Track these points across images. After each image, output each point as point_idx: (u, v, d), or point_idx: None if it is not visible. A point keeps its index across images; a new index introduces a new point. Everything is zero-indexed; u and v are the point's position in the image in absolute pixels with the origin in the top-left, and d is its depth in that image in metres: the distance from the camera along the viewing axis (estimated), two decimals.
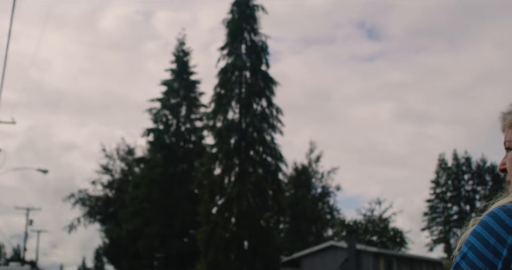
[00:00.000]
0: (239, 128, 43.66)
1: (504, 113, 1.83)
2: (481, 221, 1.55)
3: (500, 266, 1.45)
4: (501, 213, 1.52)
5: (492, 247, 1.48)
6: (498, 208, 1.54)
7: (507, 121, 1.80)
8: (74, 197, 78.88)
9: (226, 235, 41.66)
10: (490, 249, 1.48)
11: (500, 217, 1.51)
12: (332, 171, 71.96)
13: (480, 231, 1.52)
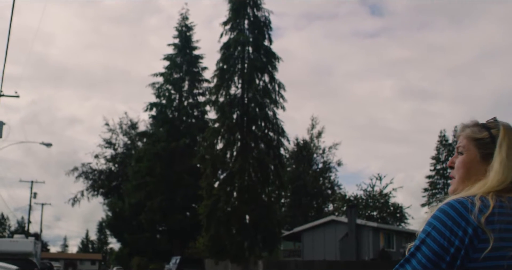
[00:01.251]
0: (241, 103, 43.88)
1: (463, 125, 2.18)
2: (440, 208, 1.88)
3: (457, 243, 1.77)
4: (455, 203, 1.85)
5: (449, 228, 1.80)
6: (453, 199, 1.88)
7: (464, 133, 2.15)
8: (77, 170, 79.45)
9: (227, 209, 42.08)
10: (448, 229, 1.80)
11: (455, 206, 1.84)
12: (334, 146, 72.43)
13: (439, 215, 1.84)
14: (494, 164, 1.95)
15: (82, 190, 79.71)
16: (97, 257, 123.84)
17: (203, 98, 59.46)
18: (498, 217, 1.78)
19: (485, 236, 1.76)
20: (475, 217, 1.77)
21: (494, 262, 1.76)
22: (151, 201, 55.55)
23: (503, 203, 1.83)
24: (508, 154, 1.95)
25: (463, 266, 1.77)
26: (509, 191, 1.89)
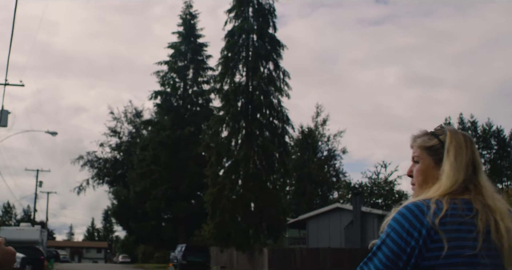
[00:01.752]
0: (246, 91, 43.83)
1: (414, 136, 2.31)
2: (399, 211, 2.05)
3: (412, 243, 1.94)
4: (412, 207, 2.02)
5: (406, 229, 1.97)
6: (410, 203, 2.06)
7: (416, 143, 2.28)
8: (82, 159, 79.68)
9: (232, 197, 42.15)
10: (404, 231, 1.97)
11: (412, 209, 2.01)
12: (338, 134, 72.33)
13: (398, 218, 2.02)
14: (445, 167, 2.11)
15: (88, 179, 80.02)
16: (102, 245, 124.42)
17: (207, 86, 59.41)
18: (450, 218, 1.94)
19: (438, 236, 1.91)
20: (429, 219, 1.93)
21: (446, 261, 1.90)
22: (156, 189, 55.67)
23: (456, 205, 1.98)
24: (455, 157, 2.11)
25: (417, 264, 1.93)
26: (462, 193, 2.05)
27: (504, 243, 1.94)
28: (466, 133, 2.24)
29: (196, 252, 42.70)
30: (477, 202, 2.03)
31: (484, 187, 2.09)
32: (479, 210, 2.00)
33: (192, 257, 42.11)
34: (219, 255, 48.77)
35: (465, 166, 2.11)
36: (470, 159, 2.14)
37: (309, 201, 66.41)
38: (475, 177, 2.12)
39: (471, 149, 2.17)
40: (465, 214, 1.98)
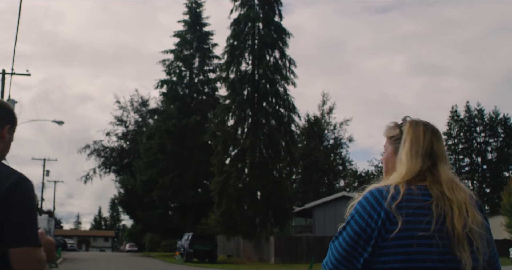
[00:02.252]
0: (252, 80, 43.79)
1: (386, 127, 2.51)
2: (364, 195, 2.23)
3: (373, 225, 2.13)
4: (375, 191, 2.20)
5: (368, 212, 2.16)
6: (374, 188, 2.23)
7: (384, 133, 2.51)
8: (89, 148, 79.80)
9: (239, 186, 42.22)
10: (366, 213, 2.16)
11: (374, 194, 2.19)
12: (345, 122, 72.32)
13: (362, 201, 2.21)
14: (401, 156, 2.29)
15: (94, 168, 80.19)
16: (110, 234, 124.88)
17: (213, 75, 59.30)
18: (406, 203, 2.11)
19: (395, 219, 2.10)
20: (387, 204, 2.12)
21: (402, 241, 2.08)
22: (162, 178, 55.75)
23: (412, 190, 2.15)
24: (410, 147, 2.28)
25: (377, 244, 2.12)
26: (418, 180, 2.21)
27: (456, 230, 2.08)
28: (429, 124, 2.38)
29: (203, 241, 42.78)
30: (434, 189, 2.18)
31: (442, 176, 2.22)
32: (435, 197, 2.15)
33: (199, 245, 42.20)
34: (226, 243, 48.90)
35: (422, 155, 2.26)
36: (428, 149, 2.27)
37: (315, 189, 66.48)
38: (434, 167, 2.25)
39: (429, 139, 2.29)
40: (421, 200, 2.14)
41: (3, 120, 2.57)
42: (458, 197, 2.17)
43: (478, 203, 2.28)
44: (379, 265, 2.13)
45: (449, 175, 2.25)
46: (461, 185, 2.26)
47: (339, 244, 2.20)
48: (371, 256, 2.14)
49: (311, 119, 71.14)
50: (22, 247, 2.30)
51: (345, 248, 2.18)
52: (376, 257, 2.13)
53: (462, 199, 2.17)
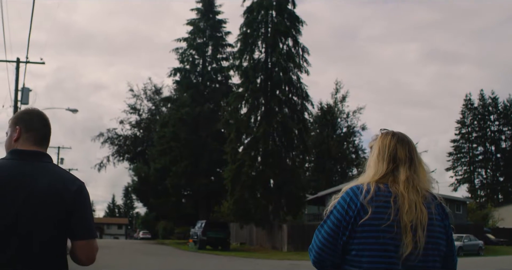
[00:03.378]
0: (265, 68, 43.77)
1: (371, 139, 3.02)
2: (346, 190, 2.76)
3: (350, 213, 2.65)
4: (354, 188, 2.74)
5: (347, 204, 2.69)
6: (354, 185, 2.77)
7: (368, 145, 3.02)
8: (103, 136, 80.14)
9: (252, 174, 42.31)
10: (346, 204, 2.70)
11: (353, 189, 2.73)
12: (358, 111, 72.14)
13: (344, 195, 2.74)
14: (370, 162, 2.86)
15: (108, 156, 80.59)
16: (123, 222, 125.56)
17: (226, 63, 59.29)
18: (376, 198, 2.64)
19: (367, 210, 2.62)
20: (362, 197, 2.65)
21: (371, 227, 2.61)
22: (176, 166, 55.95)
23: (380, 188, 2.69)
24: (378, 154, 2.82)
25: (353, 229, 2.64)
26: (385, 179, 2.73)
27: (403, 221, 2.60)
28: (398, 134, 2.91)
29: (216, 228, 42.97)
30: (393, 188, 2.70)
31: (401, 177, 2.73)
32: (394, 194, 2.67)
33: (212, 233, 42.40)
34: (239, 231, 49.10)
35: (387, 160, 2.79)
36: (392, 155, 2.80)
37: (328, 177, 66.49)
38: (396, 169, 2.77)
39: (393, 147, 2.82)
40: (387, 195, 2.67)
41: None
42: (410, 195, 2.67)
43: (439, 204, 2.78)
44: (354, 246, 2.65)
45: (407, 177, 2.73)
46: (418, 186, 2.73)
47: (324, 231, 2.73)
48: (348, 238, 2.67)
49: (324, 107, 71.02)
50: (87, 240, 2.83)
51: (329, 233, 2.71)
52: (351, 239, 2.66)
53: (413, 197, 2.67)
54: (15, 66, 34.24)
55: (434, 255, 2.67)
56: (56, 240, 2.77)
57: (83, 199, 2.85)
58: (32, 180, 2.76)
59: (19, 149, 2.91)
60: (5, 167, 2.80)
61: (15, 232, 2.67)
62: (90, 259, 2.88)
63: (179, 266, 24.66)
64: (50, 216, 2.74)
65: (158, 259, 29.74)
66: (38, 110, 3.10)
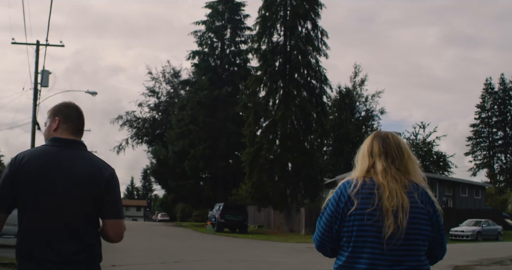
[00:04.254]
0: (283, 51, 43.65)
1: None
2: (339, 185, 3.11)
3: (341, 205, 3.01)
4: (345, 182, 3.10)
5: (339, 196, 3.06)
6: (345, 181, 3.11)
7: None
8: (121, 119, 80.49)
9: (270, 157, 42.37)
10: (337, 196, 3.07)
11: (344, 183, 3.09)
12: (376, 94, 71.78)
13: (337, 189, 3.11)
14: (357, 159, 3.21)
15: (127, 138, 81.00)
16: (142, 204, 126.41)
17: (245, 46, 59.18)
18: (362, 190, 2.99)
19: (354, 202, 2.97)
20: (350, 191, 3.01)
21: (358, 217, 2.95)
22: (194, 149, 56.13)
23: (366, 181, 3.03)
24: (363, 151, 3.19)
25: (343, 219, 3.00)
26: (370, 173, 3.07)
27: (385, 206, 2.92)
28: (379, 133, 3.25)
29: (234, 211, 43.16)
30: (375, 179, 3.03)
31: (378, 169, 3.06)
32: (377, 184, 3.00)
33: (230, 215, 42.59)
34: (257, 214, 49.28)
35: (367, 156, 3.15)
36: (369, 150, 3.16)
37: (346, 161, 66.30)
38: (374, 163, 3.11)
39: (370, 144, 3.18)
40: (372, 187, 2.99)
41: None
42: (390, 184, 2.98)
43: (423, 192, 3.06)
44: (344, 233, 3.02)
45: (384, 168, 3.06)
46: (397, 175, 3.03)
47: (322, 221, 3.13)
48: (339, 227, 3.04)
49: (343, 90, 70.71)
50: (117, 219, 3.25)
51: (326, 223, 3.10)
52: (342, 228, 3.02)
53: (393, 186, 2.98)
54: (35, 49, 34.44)
55: (417, 239, 2.97)
56: (90, 217, 3.18)
57: (114, 184, 3.24)
58: (71, 164, 3.16)
59: (59, 137, 3.30)
60: (48, 153, 3.21)
61: (58, 209, 3.09)
62: (119, 236, 3.28)
63: (198, 248, 24.84)
64: (86, 196, 3.13)
65: (177, 241, 29.98)
66: (74, 104, 3.51)
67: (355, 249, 2.97)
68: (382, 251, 2.91)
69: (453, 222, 40.91)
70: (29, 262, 3.07)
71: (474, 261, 19.09)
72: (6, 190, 3.13)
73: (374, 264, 2.93)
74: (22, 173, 3.11)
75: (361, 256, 2.96)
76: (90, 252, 3.16)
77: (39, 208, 3.09)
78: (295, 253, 22.95)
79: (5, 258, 13.50)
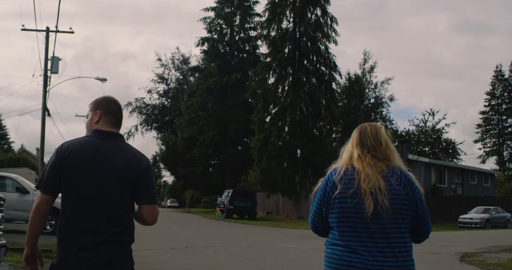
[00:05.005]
0: (293, 37, 43.53)
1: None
2: (327, 174, 3.48)
3: (327, 189, 3.37)
4: (332, 171, 3.45)
5: (325, 182, 3.43)
6: (332, 169, 3.47)
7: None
8: (131, 105, 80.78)
9: (279, 144, 42.38)
10: (325, 182, 3.43)
11: (331, 170, 3.47)
12: (386, 81, 71.39)
13: (325, 177, 3.47)
14: (345, 149, 3.58)
15: (136, 125, 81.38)
16: None
17: (254, 33, 59.10)
18: (345, 176, 3.36)
19: (337, 186, 3.33)
20: (335, 177, 3.38)
21: (341, 199, 3.31)
22: (203, 135, 56.26)
23: (348, 168, 3.40)
24: (351, 142, 3.57)
25: (328, 202, 3.37)
26: (353, 162, 3.43)
27: (362, 188, 3.26)
28: (363, 126, 3.62)
29: (243, 197, 43.29)
30: (356, 166, 3.39)
31: (355, 158, 3.44)
32: (357, 169, 3.36)
33: (238, 202, 42.74)
34: (265, 200, 49.41)
35: (351, 147, 3.54)
36: (352, 143, 3.55)
37: None
38: (353, 153, 3.49)
39: (353, 137, 3.58)
40: (352, 173, 3.36)
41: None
42: (366, 169, 3.33)
43: (402, 176, 3.35)
44: (331, 214, 3.37)
45: (363, 157, 3.41)
46: (372, 162, 3.37)
47: (314, 205, 3.48)
48: (327, 209, 3.40)
49: (352, 77, 70.33)
50: (152, 205, 3.56)
51: (316, 206, 3.46)
52: (329, 210, 3.38)
53: (369, 171, 3.32)
54: (45, 35, 34.52)
55: (398, 218, 3.28)
56: (127, 203, 3.49)
57: (149, 173, 3.57)
58: (111, 154, 3.49)
59: (100, 129, 3.62)
60: (90, 143, 3.53)
61: (99, 196, 3.41)
62: (154, 220, 3.60)
63: (207, 234, 24.97)
64: (124, 184, 3.45)
65: (187, 228, 30.14)
66: (114, 98, 3.80)
67: (340, 228, 3.33)
68: (365, 229, 3.26)
69: (462, 210, 40.93)
70: (71, 243, 3.37)
71: (483, 248, 19.12)
72: (53, 175, 3.45)
73: (357, 240, 3.28)
74: (66, 161, 3.43)
75: (345, 234, 3.32)
76: (126, 233, 3.50)
77: (82, 195, 3.40)
78: (303, 239, 23.03)
79: (16, 243, 13.62)
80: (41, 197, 3.48)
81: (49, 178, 3.46)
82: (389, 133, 3.61)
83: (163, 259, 14.07)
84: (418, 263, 3.55)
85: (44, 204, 3.46)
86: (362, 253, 3.24)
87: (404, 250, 3.30)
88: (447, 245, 20.09)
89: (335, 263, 3.34)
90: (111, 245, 3.40)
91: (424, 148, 64.02)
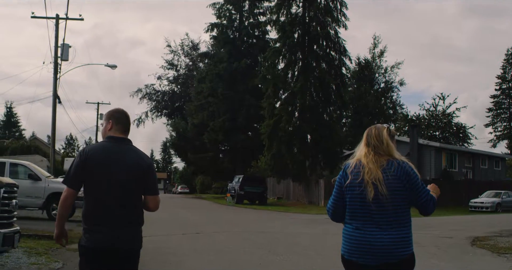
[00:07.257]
0: (302, 22, 43.36)
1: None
2: (343, 166, 4.17)
3: (342, 181, 4.11)
4: (347, 164, 4.14)
5: (341, 175, 4.13)
6: (347, 162, 4.16)
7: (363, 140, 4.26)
8: (141, 92, 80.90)
9: (289, 129, 42.38)
10: (340, 175, 4.14)
11: (347, 164, 4.14)
12: (396, 66, 71.21)
13: (341, 171, 4.17)
14: (357, 149, 4.24)
15: (146, 111, 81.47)
16: (162, 176, 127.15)
17: (264, 18, 58.93)
18: (354, 169, 4.07)
19: (348, 177, 4.05)
20: (348, 169, 4.09)
21: (351, 188, 4.02)
22: (213, 121, 56.32)
23: (357, 163, 4.09)
24: (361, 143, 4.21)
25: (343, 190, 4.07)
26: (361, 158, 4.12)
27: (365, 180, 3.96)
28: (371, 127, 4.26)
29: (253, 183, 43.38)
30: (363, 161, 4.06)
31: (362, 155, 4.11)
32: (362, 164, 4.05)
33: (249, 187, 42.84)
34: (276, 186, 49.51)
35: (364, 145, 4.17)
36: (363, 142, 4.20)
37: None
38: (361, 151, 4.17)
39: (364, 137, 4.22)
40: (359, 167, 4.05)
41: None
42: (369, 164, 4.01)
43: (398, 167, 4.00)
44: (346, 199, 4.07)
45: (367, 153, 4.09)
46: (374, 159, 4.04)
47: (333, 194, 4.16)
48: (343, 196, 4.09)
49: (362, 62, 70.19)
50: (155, 195, 4.50)
51: (336, 194, 4.15)
52: (345, 196, 4.08)
53: (371, 166, 4.00)
54: (55, 23, 34.54)
55: (394, 202, 3.95)
56: (137, 193, 4.39)
57: (152, 169, 4.49)
58: (122, 155, 4.37)
59: (113, 135, 4.49)
60: (106, 147, 4.42)
61: (115, 188, 4.27)
62: (156, 207, 4.52)
63: (218, 220, 25.08)
64: (134, 178, 4.32)
65: (198, 213, 30.28)
66: (123, 110, 4.65)
67: (350, 211, 4.08)
68: (368, 211, 3.98)
69: (473, 194, 40.85)
70: (95, 225, 4.26)
71: (494, 232, 19.12)
72: (78, 173, 4.32)
73: (361, 220, 4.01)
74: (88, 162, 4.30)
75: (353, 215, 4.06)
76: (137, 217, 4.40)
77: (102, 188, 4.28)
78: (314, 224, 23.10)
79: (29, 229, 13.74)
80: (68, 191, 4.33)
81: (74, 176, 4.34)
82: (392, 132, 4.23)
83: (175, 244, 14.17)
84: (430, 247, 3.64)
85: (70, 197, 4.33)
86: (365, 230, 3.97)
87: (402, 227, 3.99)
88: (459, 229, 20.11)
89: (346, 238, 4.09)
90: (127, 226, 4.32)
91: (435, 133, 63.82)
